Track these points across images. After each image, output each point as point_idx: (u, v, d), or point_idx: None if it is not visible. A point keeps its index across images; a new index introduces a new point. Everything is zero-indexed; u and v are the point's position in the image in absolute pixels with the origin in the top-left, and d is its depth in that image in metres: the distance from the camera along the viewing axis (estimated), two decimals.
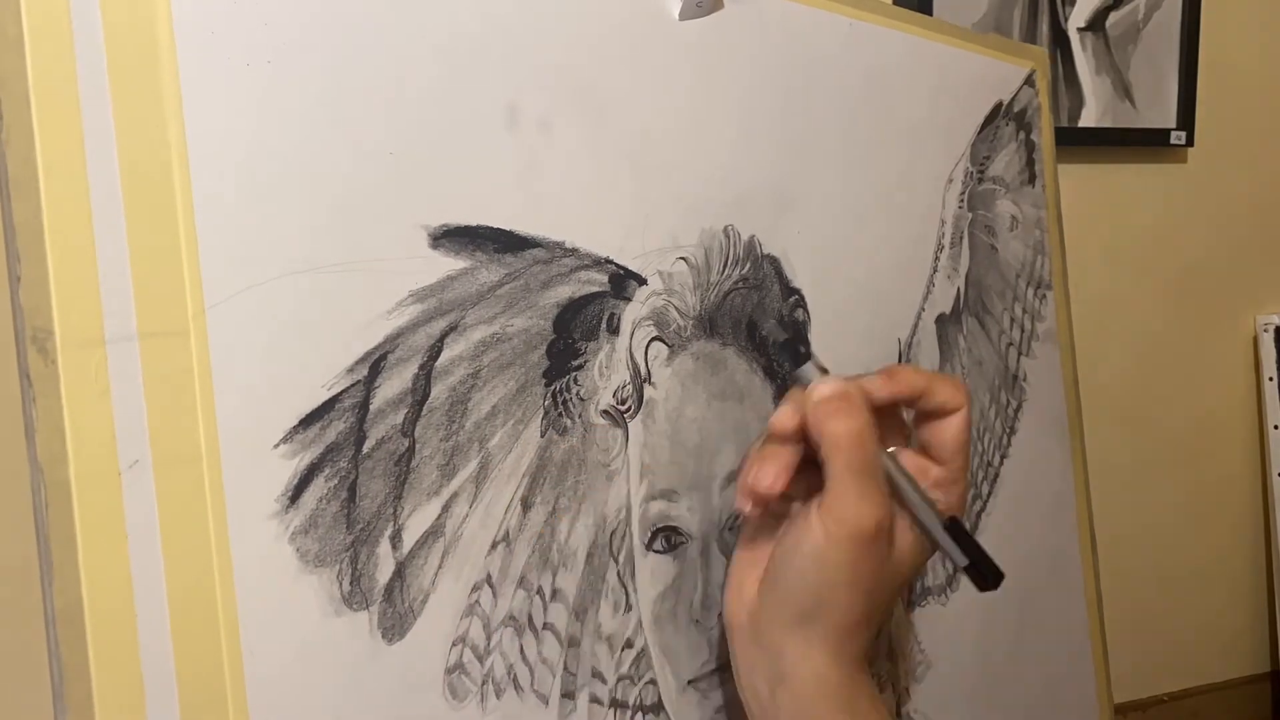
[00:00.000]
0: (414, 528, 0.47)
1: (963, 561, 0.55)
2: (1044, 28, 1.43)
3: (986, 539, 0.86)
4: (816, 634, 0.53)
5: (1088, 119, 1.48)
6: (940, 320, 0.83)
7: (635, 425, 0.58)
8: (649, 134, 0.59)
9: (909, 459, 0.58)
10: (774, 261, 0.67)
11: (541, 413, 0.53)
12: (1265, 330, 1.66)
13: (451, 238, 0.49)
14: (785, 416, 0.55)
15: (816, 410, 0.53)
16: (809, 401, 0.54)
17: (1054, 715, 0.94)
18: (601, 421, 0.56)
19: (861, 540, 0.50)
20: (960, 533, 0.55)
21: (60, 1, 0.38)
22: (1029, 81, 0.93)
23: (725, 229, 0.64)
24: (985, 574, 0.55)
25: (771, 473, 0.54)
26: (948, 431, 0.57)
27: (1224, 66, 1.58)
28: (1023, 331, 0.92)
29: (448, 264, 0.49)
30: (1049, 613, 0.94)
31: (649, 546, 0.59)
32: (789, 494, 0.55)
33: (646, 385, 0.58)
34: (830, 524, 0.51)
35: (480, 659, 0.50)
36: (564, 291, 0.54)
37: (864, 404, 0.53)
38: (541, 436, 0.53)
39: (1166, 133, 1.53)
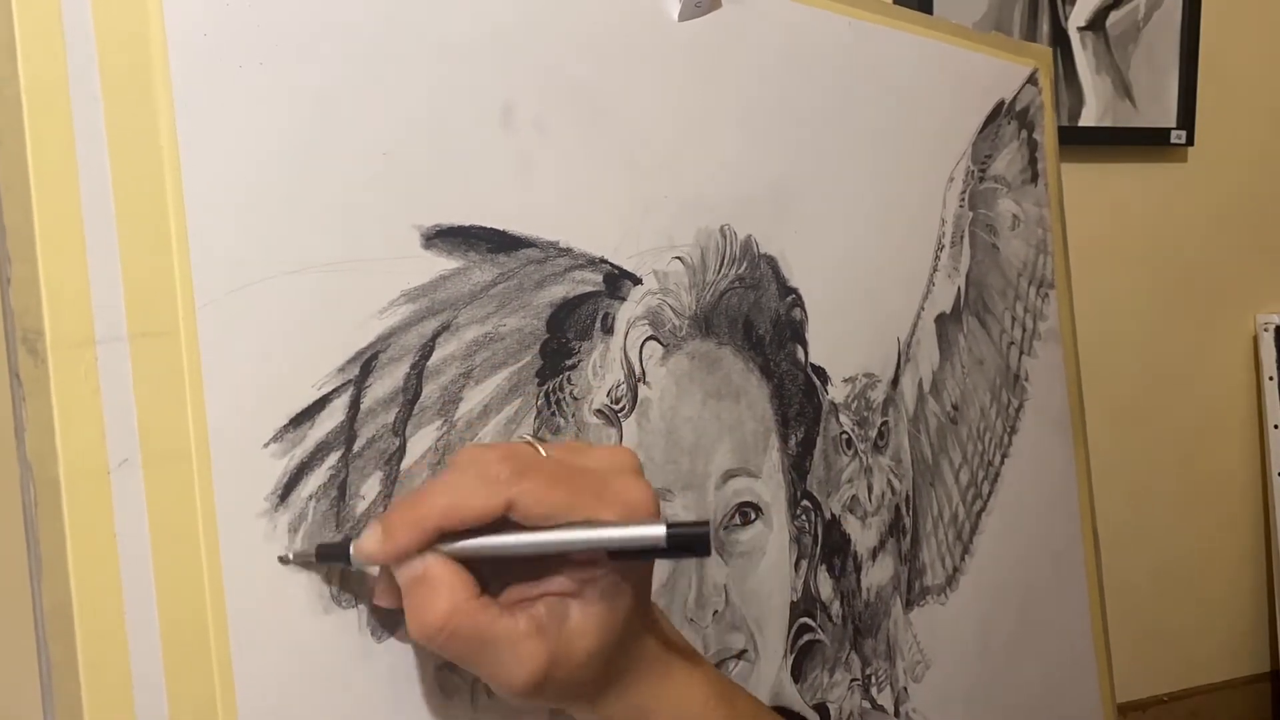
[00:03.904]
0: None
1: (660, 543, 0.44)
2: (1044, 27, 1.43)
3: (987, 539, 0.86)
4: (566, 713, 0.49)
5: (1088, 118, 1.48)
6: (940, 319, 0.83)
7: (630, 424, 0.58)
8: (645, 133, 0.59)
9: None
10: (771, 261, 0.67)
11: (534, 412, 0.53)
12: (1265, 330, 1.66)
13: (444, 238, 0.49)
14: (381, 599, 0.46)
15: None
16: None
17: (1055, 715, 0.94)
18: (595, 420, 0.56)
19: (528, 693, 0.44)
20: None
21: (52, 4, 0.38)
22: (1031, 80, 0.93)
23: (722, 228, 0.64)
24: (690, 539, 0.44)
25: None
26: (534, 522, 0.44)
27: (1224, 66, 1.58)
28: (1024, 330, 0.92)
29: (440, 264, 0.49)
30: (1050, 612, 0.94)
31: None
32: None
33: (641, 384, 0.58)
34: (501, 693, 0.45)
35: None
36: (558, 291, 0.54)
37: (437, 577, 0.42)
38: (534, 435, 0.53)
39: (1166, 132, 1.53)
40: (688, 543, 0.43)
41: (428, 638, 0.42)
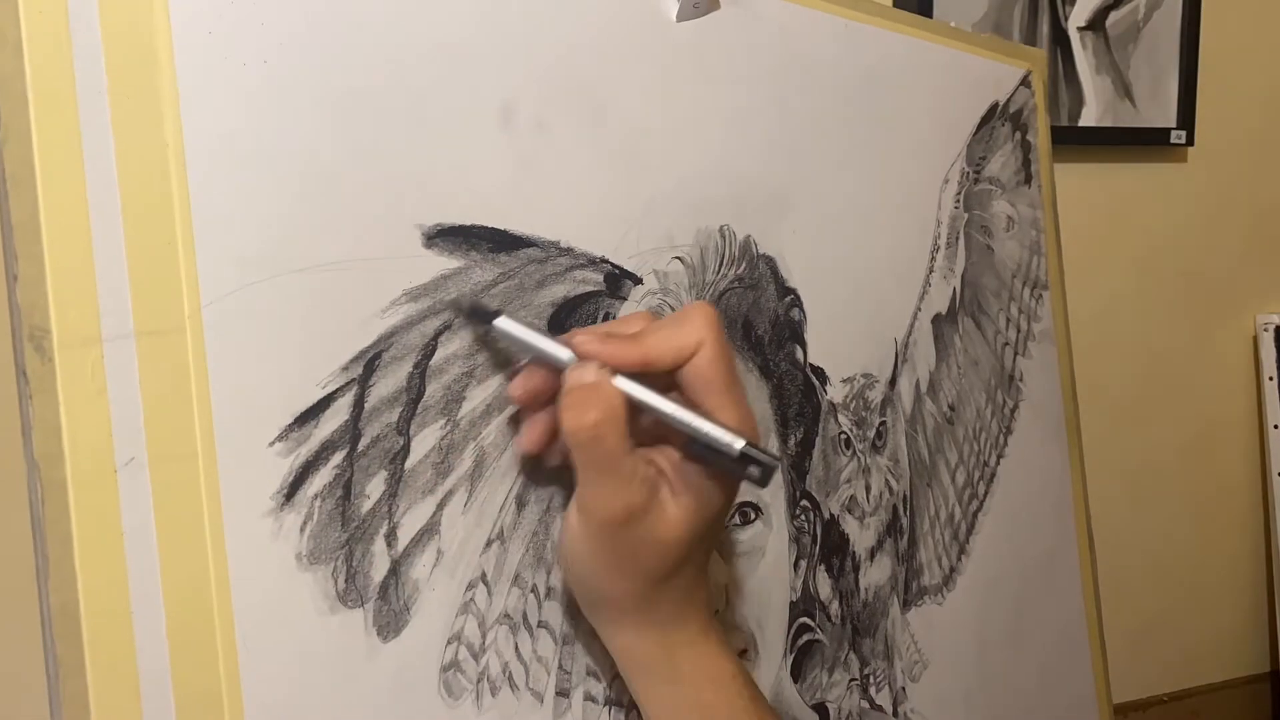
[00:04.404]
0: (409, 525, 0.48)
1: (737, 447, 0.48)
2: (1044, 27, 1.43)
3: (983, 539, 0.86)
4: (607, 615, 0.52)
5: (1088, 118, 1.48)
6: (936, 320, 0.83)
7: None
8: (644, 133, 0.59)
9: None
10: (770, 261, 0.67)
11: None
12: (1265, 330, 1.66)
13: (446, 237, 0.49)
14: (517, 387, 0.51)
15: (560, 403, 0.48)
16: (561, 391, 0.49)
17: (1052, 715, 0.94)
18: None
19: (612, 526, 0.48)
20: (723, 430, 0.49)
21: (58, 1, 0.38)
22: (1025, 82, 0.93)
23: (721, 229, 0.64)
24: (760, 461, 0.48)
25: (528, 439, 0.51)
26: (695, 372, 0.50)
27: (1224, 66, 1.58)
28: (1019, 332, 0.92)
29: (442, 263, 0.49)
30: (1046, 612, 0.94)
31: None
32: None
33: None
34: (582, 516, 0.49)
35: (475, 657, 0.50)
36: (559, 291, 0.54)
37: (606, 393, 0.48)
38: None
39: (1166, 132, 1.53)
40: (760, 470, 0.49)
41: (579, 429, 0.47)
